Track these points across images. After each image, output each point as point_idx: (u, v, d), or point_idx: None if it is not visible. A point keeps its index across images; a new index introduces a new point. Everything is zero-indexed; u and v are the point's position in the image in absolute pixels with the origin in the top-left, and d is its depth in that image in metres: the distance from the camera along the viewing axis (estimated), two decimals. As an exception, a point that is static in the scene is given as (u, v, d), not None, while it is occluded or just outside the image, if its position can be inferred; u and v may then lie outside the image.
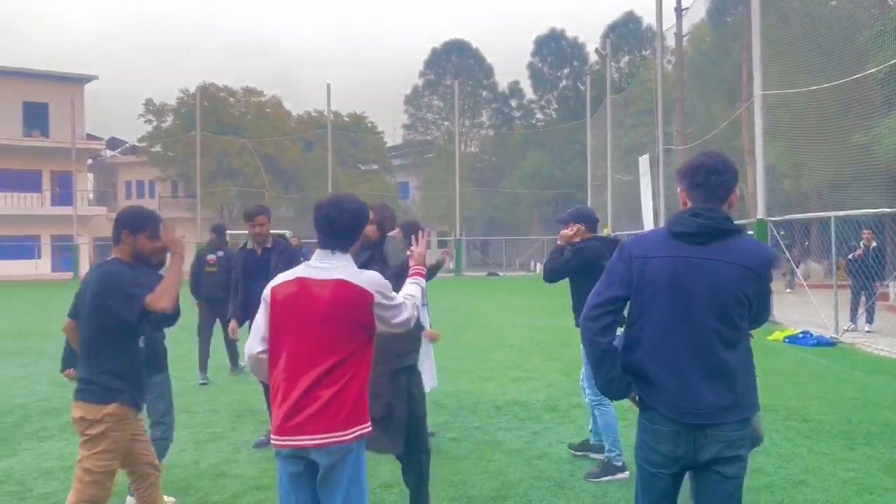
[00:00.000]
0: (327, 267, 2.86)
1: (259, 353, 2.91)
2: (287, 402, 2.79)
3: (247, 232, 6.30)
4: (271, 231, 6.27)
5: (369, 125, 46.43)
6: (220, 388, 8.29)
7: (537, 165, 41.92)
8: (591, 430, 5.45)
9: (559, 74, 48.33)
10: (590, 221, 5.13)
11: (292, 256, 5.89)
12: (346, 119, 44.23)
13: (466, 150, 44.93)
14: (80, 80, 42.05)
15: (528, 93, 49.21)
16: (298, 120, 44.34)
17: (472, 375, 8.76)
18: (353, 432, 2.79)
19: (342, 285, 2.80)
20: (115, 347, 3.43)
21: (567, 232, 5.06)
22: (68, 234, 37.72)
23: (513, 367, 9.40)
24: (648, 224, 23.80)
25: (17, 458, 5.64)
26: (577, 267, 4.95)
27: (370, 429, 2.88)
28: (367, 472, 2.93)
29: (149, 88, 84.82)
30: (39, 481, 5.01)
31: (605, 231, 24.27)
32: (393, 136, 49.78)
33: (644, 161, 25.19)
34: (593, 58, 42.63)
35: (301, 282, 2.85)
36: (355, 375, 2.81)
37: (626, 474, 4.84)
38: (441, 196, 40.92)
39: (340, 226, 2.91)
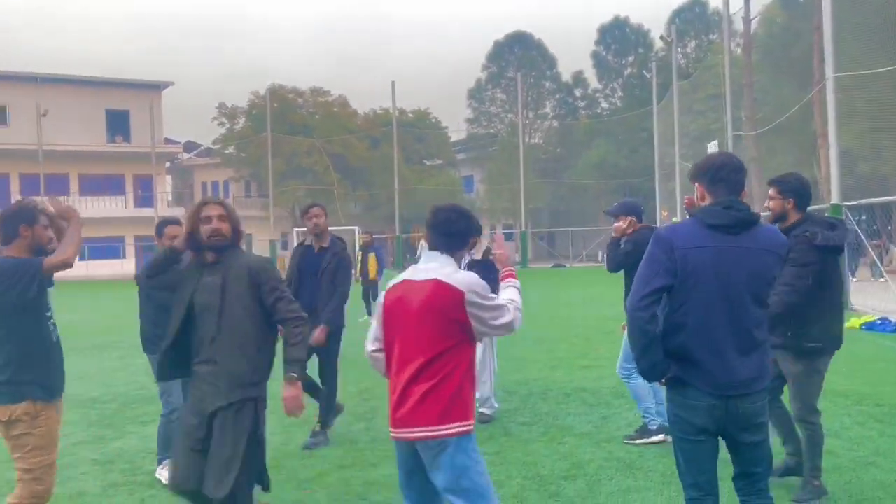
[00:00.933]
0: (428, 268, 3.08)
1: (372, 351, 3.19)
2: (394, 396, 3.03)
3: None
4: (335, 229, 6.35)
5: (433, 120, 46.90)
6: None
7: (603, 155, 41.41)
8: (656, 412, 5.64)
9: (624, 62, 47.58)
10: (637, 212, 5.55)
11: (341, 263, 5.82)
12: (411, 115, 44.75)
13: (530, 142, 44.68)
14: (157, 87, 43.97)
15: (593, 82, 48.64)
16: (364, 118, 45.12)
17: (541, 364, 8.98)
18: (450, 428, 2.91)
19: (437, 284, 3.00)
20: (9, 337, 3.36)
21: (621, 224, 5.47)
22: (150, 235, 39.16)
23: (580, 356, 9.56)
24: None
25: (124, 440, 6.18)
26: (639, 256, 5.17)
27: (471, 427, 2.96)
28: (482, 463, 3.01)
29: (222, 91, 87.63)
30: (147, 460, 5.49)
31: (675, 220, 23.96)
32: (457, 130, 50.17)
33: (713, 148, 24.63)
34: (659, 44, 41.81)
35: (405, 284, 3.10)
36: (453, 372, 2.95)
37: (660, 437, 5.31)
38: (506, 189, 41.01)
39: (457, 228, 3.15)
